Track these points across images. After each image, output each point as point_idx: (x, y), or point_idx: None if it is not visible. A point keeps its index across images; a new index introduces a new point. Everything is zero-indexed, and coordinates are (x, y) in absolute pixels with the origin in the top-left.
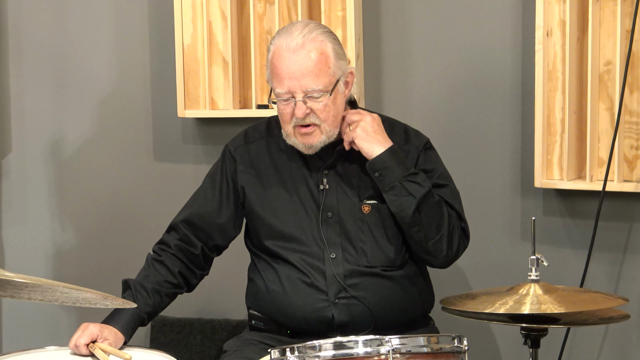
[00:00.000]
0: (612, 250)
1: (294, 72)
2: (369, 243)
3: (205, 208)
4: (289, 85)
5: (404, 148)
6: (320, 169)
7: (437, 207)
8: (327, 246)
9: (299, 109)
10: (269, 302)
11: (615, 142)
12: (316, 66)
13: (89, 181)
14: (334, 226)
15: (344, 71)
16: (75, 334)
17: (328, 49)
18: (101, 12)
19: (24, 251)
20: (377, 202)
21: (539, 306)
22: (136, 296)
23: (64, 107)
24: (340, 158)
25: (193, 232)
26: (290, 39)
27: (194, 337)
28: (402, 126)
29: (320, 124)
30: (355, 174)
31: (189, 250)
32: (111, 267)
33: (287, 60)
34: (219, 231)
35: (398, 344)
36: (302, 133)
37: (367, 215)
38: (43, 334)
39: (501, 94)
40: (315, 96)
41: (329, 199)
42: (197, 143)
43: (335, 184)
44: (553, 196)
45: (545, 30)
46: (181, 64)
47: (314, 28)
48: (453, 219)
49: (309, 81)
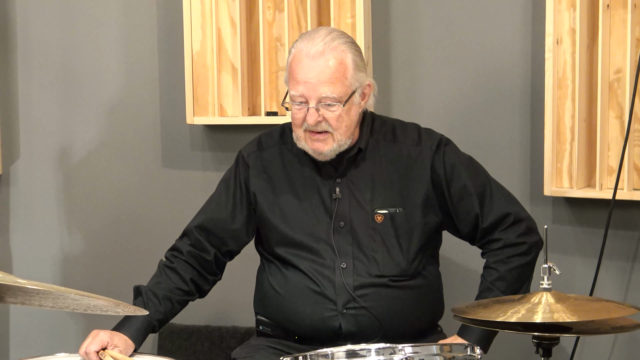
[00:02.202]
0: (622, 259)
1: (310, 78)
2: (381, 252)
3: (218, 214)
4: (304, 90)
5: (415, 151)
6: (333, 177)
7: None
8: (338, 256)
9: (311, 116)
10: (275, 307)
11: (625, 151)
12: (333, 75)
13: (97, 188)
14: (346, 235)
15: (362, 83)
16: (86, 341)
17: (348, 59)
18: (110, 18)
19: (31, 257)
20: (390, 212)
21: (552, 315)
22: (147, 303)
23: (72, 113)
24: (352, 166)
25: (206, 238)
26: (312, 45)
27: (201, 345)
28: (415, 128)
29: (333, 132)
30: (367, 183)
31: (201, 256)
32: (119, 273)
33: (305, 66)
34: (232, 237)
35: (411, 352)
36: (313, 139)
37: (380, 224)
38: (51, 341)
39: (511, 102)
40: (329, 104)
41: (342, 208)
42: (206, 150)
43: (348, 192)
44: (562, 204)
45: (555, 38)
46: (190, 70)
47: (337, 37)
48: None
49: (324, 89)
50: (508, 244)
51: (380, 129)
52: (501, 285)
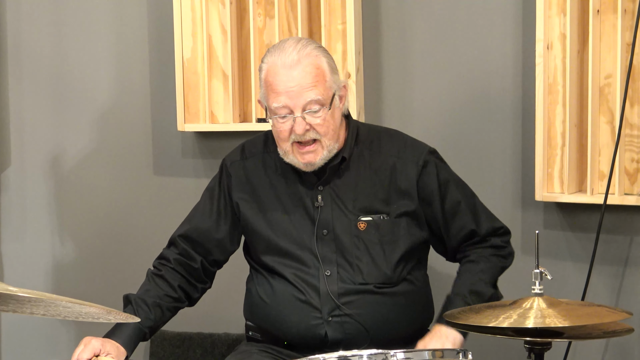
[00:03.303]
0: (614, 264)
1: (292, 87)
2: (364, 260)
3: (203, 223)
4: (287, 101)
5: (400, 162)
6: (315, 185)
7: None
8: (322, 264)
9: (298, 125)
10: (263, 315)
11: (616, 155)
12: (314, 79)
13: (89, 195)
14: (330, 243)
15: (339, 85)
16: (78, 349)
17: (323, 63)
18: (101, 25)
19: (23, 265)
20: (373, 219)
21: (543, 320)
22: (137, 310)
23: (63, 120)
24: (334, 174)
25: (192, 247)
26: (285, 56)
27: (193, 352)
28: (401, 138)
29: (321, 139)
30: (350, 190)
31: (188, 264)
32: (111, 281)
33: (284, 76)
34: (217, 246)
35: (403, 358)
36: (303, 152)
37: (363, 232)
38: (43, 349)
39: (501, 107)
40: (314, 110)
41: (324, 215)
42: (197, 157)
43: (330, 200)
44: (554, 209)
45: (546, 44)
46: (181, 77)
47: (307, 44)
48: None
49: (308, 94)
50: (492, 245)
51: (365, 138)
52: (485, 276)
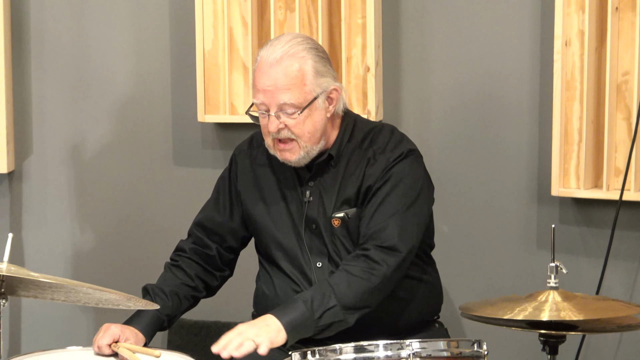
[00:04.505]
0: (628, 260)
1: (268, 86)
2: (343, 256)
3: (215, 211)
4: (264, 99)
5: (379, 156)
6: (306, 180)
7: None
8: (311, 256)
9: (271, 124)
10: (264, 306)
11: (632, 152)
12: (290, 82)
13: (109, 184)
14: (319, 236)
15: (325, 88)
16: (97, 335)
17: (306, 65)
18: (122, 17)
19: (43, 253)
20: (344, 215)
21: (558, 313)
22: (155, 299)
23: (84, 111)
24: (323, 171)
25: (206, 235)
26: (271, 52)
27: (211, 340)
28: (387, 134)
29: (297, 139)
30: (332, 188)
31: (204, 252)
32: (129, 270)
33: (264, 74)
34: (230, 233)
35: (418, 347)
36: (280, 148)
37: (337, 229)
38: (62, 335)
39: (519, 103)
40: (289, 112)
41: (311, 211)
42: (217, 148)
43: (317, 196)
44: (570, 205)
45: (564, 40)
46: (202, 69)
47: (299, 43)
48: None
49: (282, 96)
50: (370, 258)
51: (359, 134)
52: (340, 288)
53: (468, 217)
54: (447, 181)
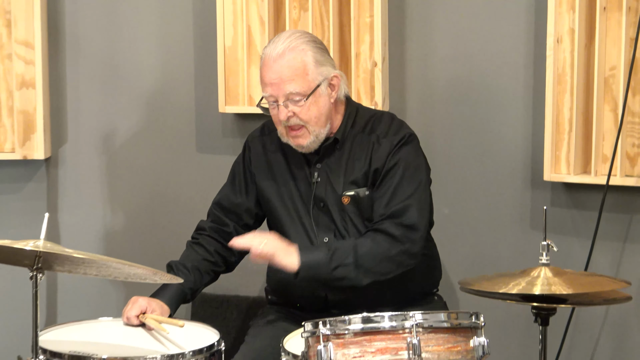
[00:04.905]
0: (614, 239)
1: (274, 79)
2: (351, 231)
3: (231, 192)
4: (271, 91)
5: (382, 140)
6: (314, 163)
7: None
8: (318, 232)
9: (281, 112)
10: (276, 280)
11: (618, 141)
12: (294, 73)
13: (137, 169)
14: (327, 213)
15: (327, 76)
16: (126, 307)
17: (307, 57)
18: (149, 16)
19: (77, 232)
20: (354, 194)
21: (549, 287)
22: (178, 274)
23: (115, 102)
24: (330, 154)
25: (224, 214)
26: (274, 48)
27: (230, 312)
28: (388, 121)
29: (306, 125)
30: (340, 168)
31: (222, 230)
32: (155, 247)
33: (270, 68)
34: (246, 211)
35: (421, 319)
36: (292, 135)
37: (347, 206)
38: (94, 307)
39: (515, 95)
40: (296, 100)
41: (319, 191)
42: (236, 136)
43: (325, 176)
44: (560, 189)
45: (556, 38)
46: (222, 63)
47: (298, 37)
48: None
49: (287, 87)
50: (388, 233)
51: (361, 120)
52: (360, 249)
53: (467, 199)
54: (448, 166)
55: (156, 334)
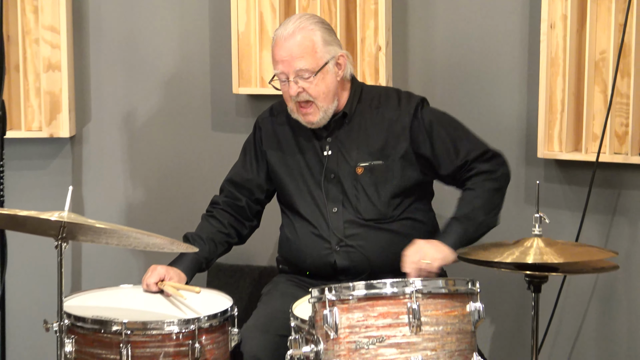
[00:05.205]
0: (603, 213)
1: (285, 57)
2: (362, 200)
3: (243, 169)
4: (282, 68)
5: (395, 114)
6: (324, 137)
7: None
8: (328, 202)
9: (291, 88)
10: (287, 249)
11: (607, 120)
12: (303, 51)
13: (156, 147)
14: (336, 185)
15: (334, 54)
16: (146, 275)
17: (316, 36)
18: (168, 5)
19: (100, 205)
20: (368, 164)
21: (541, 256)
22: (194, 244)
23: (135, 84)
24: (340, 128)
25: (236, 189)
26: (285, 29)
27: (243, 281)
28: (395, 94)
29: (314, 101)
30: (353, 141)
31: (235, 204)
32: (173, 221)
33: (281, 47)
34: (257, 187)
35: (420, 285)
36: (302, 112)
37: (360, 175)
38: (115, 274)
39: (510, 77)
40: (305, 76)
41: (331, 163)
42: (249, 116)
43: (336, 149)
44: (553, 166)
45: (549, 23)
46: (236, 48)
47: (307, 19)
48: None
49: (297, 63)
50: (481, 171)
51: (367, 96)
52: (478, 202)
53: None
54: None
55: (174, 300)
